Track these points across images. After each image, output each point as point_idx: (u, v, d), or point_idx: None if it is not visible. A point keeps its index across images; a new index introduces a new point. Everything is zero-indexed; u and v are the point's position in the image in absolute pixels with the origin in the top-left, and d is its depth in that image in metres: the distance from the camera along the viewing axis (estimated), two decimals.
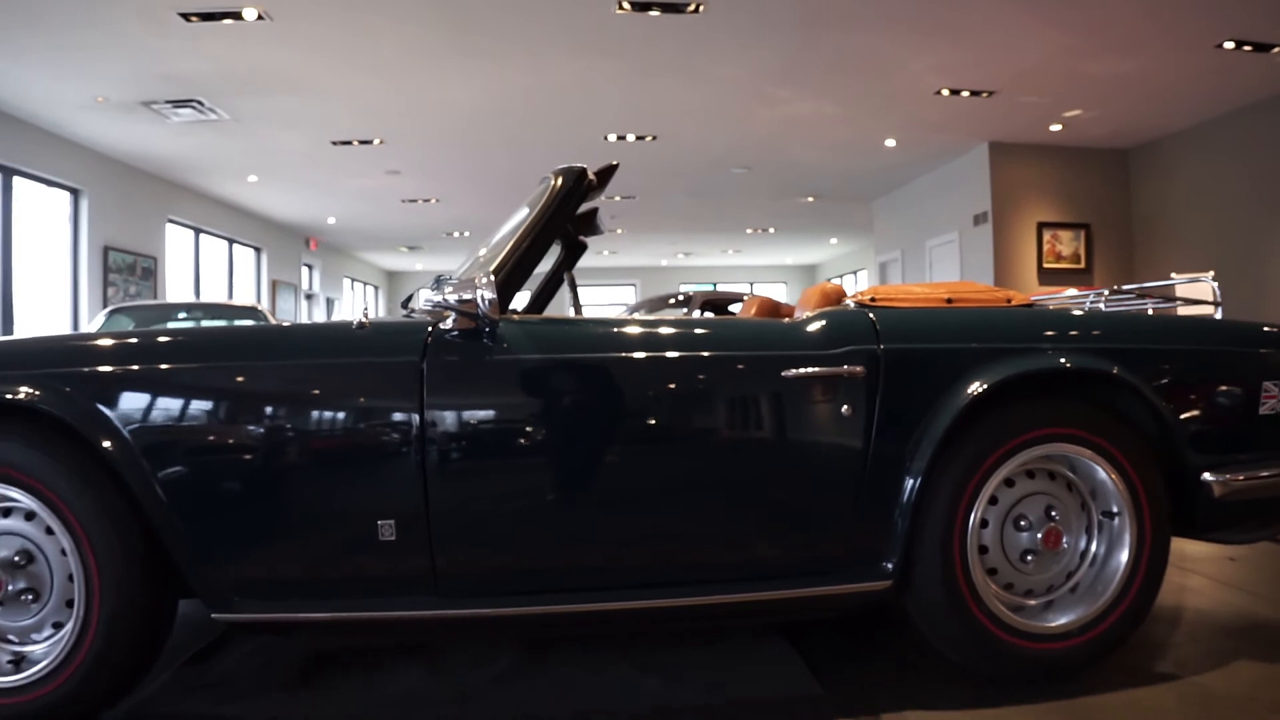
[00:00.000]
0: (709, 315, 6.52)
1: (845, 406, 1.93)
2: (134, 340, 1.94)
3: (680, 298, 7.23)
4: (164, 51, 6.54)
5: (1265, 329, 2.28)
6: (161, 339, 1.95)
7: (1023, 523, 2.02)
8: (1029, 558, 2.02)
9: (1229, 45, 6.68)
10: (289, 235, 14.89)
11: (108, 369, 1.84)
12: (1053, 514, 2.03)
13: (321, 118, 8.43)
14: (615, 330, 2.01)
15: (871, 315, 2.04)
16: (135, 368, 1.84)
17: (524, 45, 6.66)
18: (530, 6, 5.94)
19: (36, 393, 1.78)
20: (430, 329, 1.89)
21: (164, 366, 1.85)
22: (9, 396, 1.78)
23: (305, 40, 6.45)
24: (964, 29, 6.44)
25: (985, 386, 1.93)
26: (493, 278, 1.82)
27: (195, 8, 5.79)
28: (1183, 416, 2.09)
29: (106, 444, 1.77)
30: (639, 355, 1.93)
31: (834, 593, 1.92)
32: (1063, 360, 2.01)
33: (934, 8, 6.04)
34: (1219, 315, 2.48)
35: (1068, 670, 2.01)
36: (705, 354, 1.96)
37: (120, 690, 1.89)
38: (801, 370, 1.92)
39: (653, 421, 1.95)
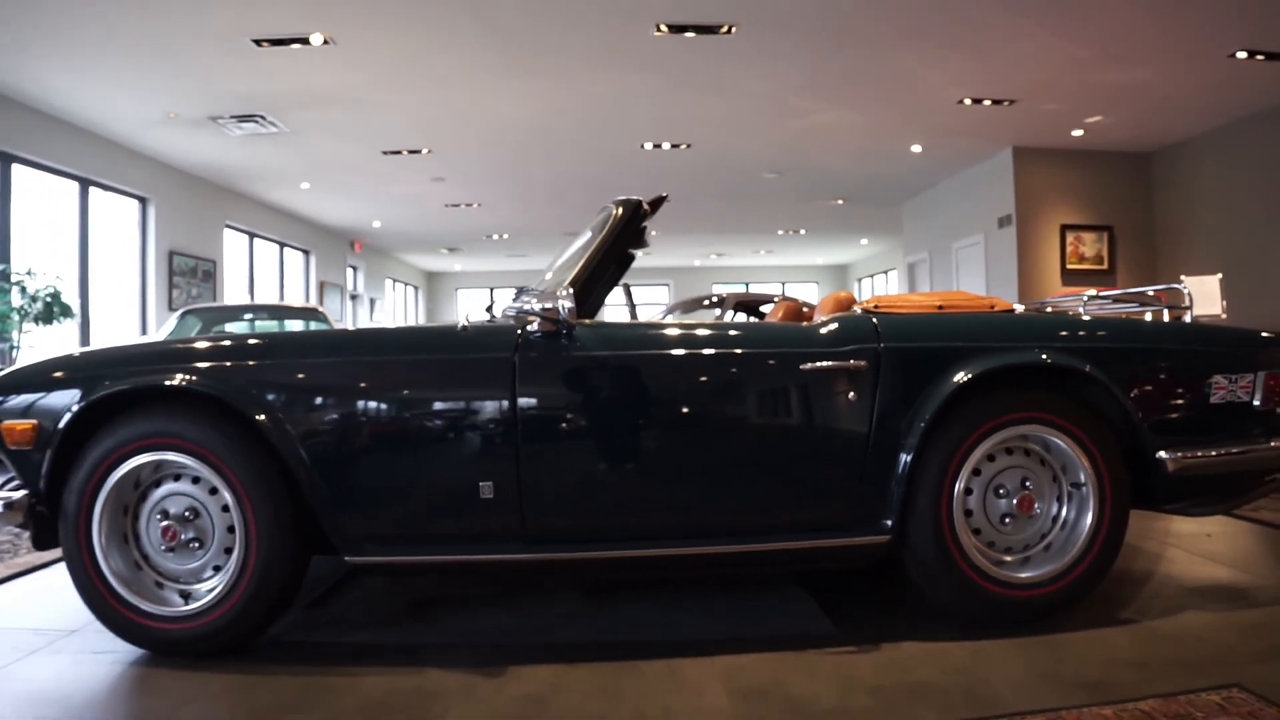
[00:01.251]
0: (742, 316, 6.89)
1: (852, 394, 2.35)
2: (276, 340, 2.43)
3: (714, 299, 7.49)
4: (234, 73, 7.06)
5: (1217, 330, 2.67)
6: (298, 339, 2.45)
7: (1001, 491, 2.43)
8: (1007, 520, 2.43)
9: (1241, 55, 6.91)
10: (336, 238, 15.50)
11: (259, 362, 2.31)
12: (1027, 484, 2.43)
13: (374, 129, 8.93)
14: (667, 333, 2.45)
15: (874, 320, 2.46)
16: (282, 361, 2.33)
17: (567, 63, 7.11)
18: (573, 27, 6.37)
19: (192, 379, 2.26)
20: (519, 331, 2.35)
21: (303, 359, 2.34)
22: (168, 383, 2.26)
23: (364, 61, 6.93)
24: (981, 44, 6.76)
25: (969, 376, 2.34)
26: (571, 290, 2.28)
27: (266, 34, 6.29)
28: (1144, 405, 2.48)
29: (260, 417, 2.24)
30: (686, 353, 2.38)
31: (842, 544, 2.35)
32: (1044, 356, 2.40)
33: (951, 25, 6.36)
34: (1189, 318, 2.84)
35: (1040, 613, 2.41)
36: (739, 351, 2.40)
37: (266, 624, 2.35)
38: (816, 364, 2.35)
39: (698, 407, 2.39)
